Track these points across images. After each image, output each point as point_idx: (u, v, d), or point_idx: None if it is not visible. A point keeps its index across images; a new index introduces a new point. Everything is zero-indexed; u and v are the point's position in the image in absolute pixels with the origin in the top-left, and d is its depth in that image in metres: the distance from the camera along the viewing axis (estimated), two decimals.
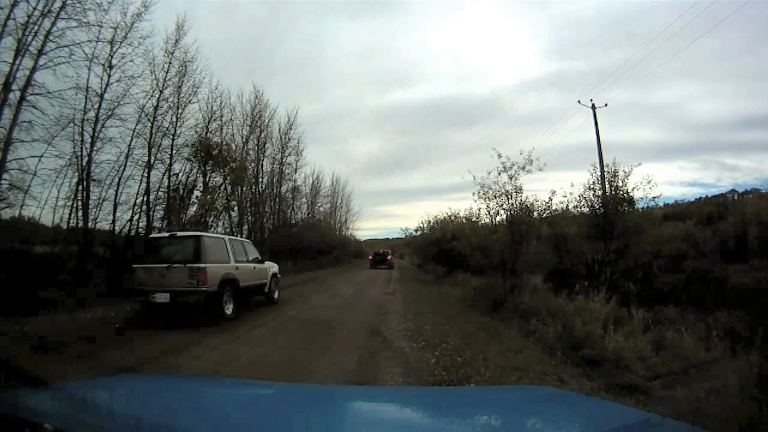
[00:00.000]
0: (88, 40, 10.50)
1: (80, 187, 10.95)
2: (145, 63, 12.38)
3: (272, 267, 10.20)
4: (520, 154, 9.22)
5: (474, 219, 14.08)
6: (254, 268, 8.96)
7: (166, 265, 7.06)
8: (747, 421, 2.55)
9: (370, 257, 32.00)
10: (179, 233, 8.06)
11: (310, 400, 1.63)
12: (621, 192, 9.95)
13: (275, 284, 10.10)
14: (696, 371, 3.83)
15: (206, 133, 15.48)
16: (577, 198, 10.34)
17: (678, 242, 9.78)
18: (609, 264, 8.91)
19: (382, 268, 27.99)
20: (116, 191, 11.94)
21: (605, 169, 10.71)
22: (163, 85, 13.21)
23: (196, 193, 14.85)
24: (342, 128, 72.58)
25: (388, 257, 31.13)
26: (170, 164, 13.81)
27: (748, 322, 5.25)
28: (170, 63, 13.43)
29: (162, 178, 13.68)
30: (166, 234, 8.25)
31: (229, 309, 7.53)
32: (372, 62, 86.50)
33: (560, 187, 22.21)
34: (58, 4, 9.62)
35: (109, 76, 11.27)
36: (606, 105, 17.15)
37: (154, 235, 8.64)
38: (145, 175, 12.90)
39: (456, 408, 1.52)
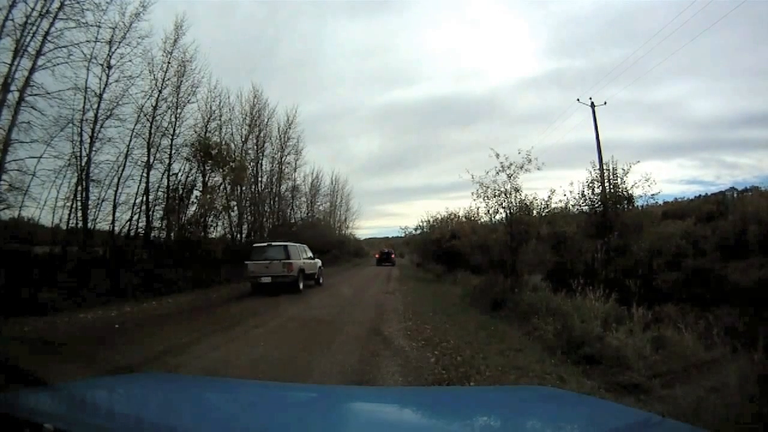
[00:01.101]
0: (87, 41, 10.51)
1: (79, 188, 10.95)
2: (144, 63, 12.42)
3: (318, 262, 14.89)
4: (519, 153, 9.22)
5: (473, 218, 14.12)
6: (311, 262, 13.71)
7: (268, 261, 11.67)
8: (747, 420, 2.55)
9: (376, 256, 37.45)
10: (274, 243, 12.73)
11: (310, 400, 1.63)
12: (620, 190, 9.95)
13: (320, 273, 14.76)
14: (696, 370, 3.82)
15: (205, 132, 15.47)
16: (576, 197, 10.35)
17: (677, 240, 9.78)
18: (608, 262, 8.91)
19: (386, 265, 32.18)
20: (115, 191, 11.96)
21: (604, 167, 10.71)
22: (162, 84, 13.23)
23: (196, 192, 14.85)
24: (341, 127, 72.59)
25: (392, 256, 36.37)
26: (169, 164, 13.82)
27: (748, 321, 5.26)
28: (169, 63, 13.46)
29: (161, 178, 13.70)
30: (266, 244, 12.90)
31: (300, 286, 12.10)
32: (371, 61, 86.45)
33: (559, 186, 22.26)
34: (56, 5, 9.62)
35: (108, 76, 11.28)
36: (605, 103, 17.13)
37: (257, 244, 13.27)
38: (145, 175, 12.92)
39: (456, 408, 1.52)
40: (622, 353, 4.33)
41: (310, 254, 13.91)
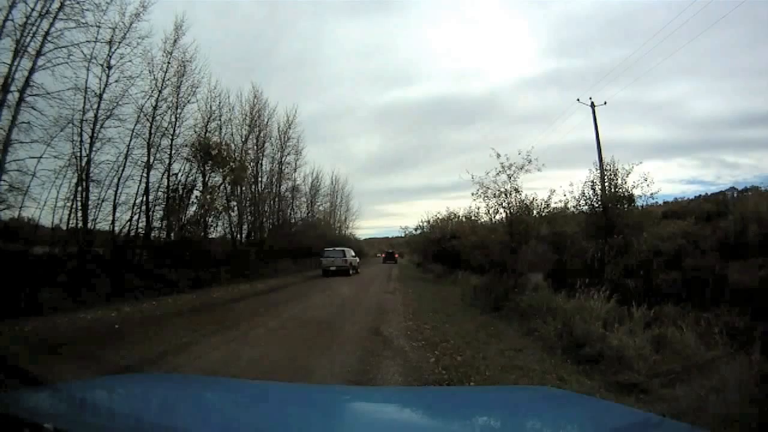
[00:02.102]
0: (87, 41, 10.52)
1: (79, 188, 10.95)
2: (144, 63, 12.45)
3: (357, 259, 24.56)
4: (519, 153, 9.23)
5: (473, 218, 14.12)
6: (354, 259, 22.72)
7: (333, 258, 20.16)
8: (747, 420, 2.55)
9: (383, 255, 46.12)
10: (337, 248, 21.30)
11: (310, 400, 1.63)
12: (620, 190, 9.93)
13: (358, 265, 24.11)
14: (696, 369, 3.82)
15: (205, 132, 15.49)
16: (576, 198, 10.33)
17: (678, 240, 9.76)
18: (609, 262, 8.90)
19: (389, 262, 39.40)
20: (115, 192, 11.97)
21: (605, 167, 10.69)
22: (162, 85, 13.25)
23: (196, 193, 14.87)
24: (341, 127, 72.81)
25: (395, 255, 43.80)
26: (169, 164, 13.84)
27: (748, 321, 5.25)
28: (169, 63, 13.49)
29: (161, 178, 13.71)
30: (331, 249, 21.14)
31: (351, 272, 20.46)
32: (371, 61, 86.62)
33: (559, 185, 22.25)
34: (56, 5, 9.62)
35: (108, 76, 11.29)
36: (605, 103, 17.14)
37: (326, 249, 21.22)
38: (145, 175, 12.92)
39: (456, 408, 1.52)
40: (623, 353, 4.33)
41: (353, 254, 23.51)
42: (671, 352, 4.42)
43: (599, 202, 10.17)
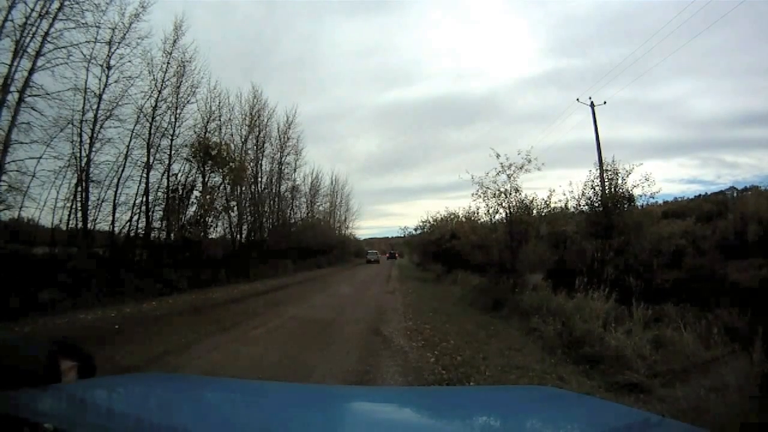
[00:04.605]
0: (86, 41, 10.53)
1: (79, 188, 10.96)
2: (144, 63, 12.45)
3: (380, 256, 48.63)
4: (518, 153, 9.21)
5: (473, 218, 14.12)
6: (380, 256, 48.21)
7: (371, 255, 43.91)
8: (747, 420, 2.55)
9: (387, 255, 53.10)
10: (373, 250, 47.42)
11: (310, 400, 1.63)
12: (621, 190, 9.93)
13: (378, 258, 44.55)
14: (696, 369, 3.82)
15: (205, 133, 15.47)
16: (577, 197, 10.33)
17: (677, 239, 9.78)
18: (609, 262, 8.91)
19: (391, 260, 46.77)
20: (115, 192, 11.98)
21: (606, 167, 10.69)
22: (162, 85, 13.24)
23: (195, 193, 14.86)
24: (341, 127, 72.87)
25: (396, 255, 51.61)
26: (169, 164, 13.83)
27: (748, 320, 5.25)
28: (168, 63, 13.48)
29: (161, 179, 13.70)
30: (371, 250, 47.17)
31: (379, 262, 42.25)
32: (370, 61, 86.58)
33: (559, 185, 22.26)
34: (55, 6, 9.63)
35: (108, 76, 11.29)
36: (605, 103, 17.12)
37: (369, 250, 47.35)
38: (144, 175, 12.92)
39: (456, 408, 1.52)
40: (622, 353, 4.33)
41: (380, 253, 46.60)
42: (671, 352, 4.42)
43: (599, 202, 10.18)
